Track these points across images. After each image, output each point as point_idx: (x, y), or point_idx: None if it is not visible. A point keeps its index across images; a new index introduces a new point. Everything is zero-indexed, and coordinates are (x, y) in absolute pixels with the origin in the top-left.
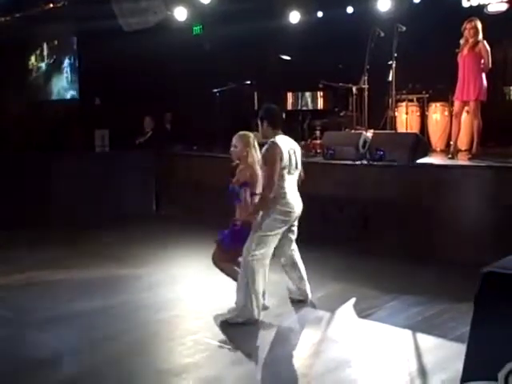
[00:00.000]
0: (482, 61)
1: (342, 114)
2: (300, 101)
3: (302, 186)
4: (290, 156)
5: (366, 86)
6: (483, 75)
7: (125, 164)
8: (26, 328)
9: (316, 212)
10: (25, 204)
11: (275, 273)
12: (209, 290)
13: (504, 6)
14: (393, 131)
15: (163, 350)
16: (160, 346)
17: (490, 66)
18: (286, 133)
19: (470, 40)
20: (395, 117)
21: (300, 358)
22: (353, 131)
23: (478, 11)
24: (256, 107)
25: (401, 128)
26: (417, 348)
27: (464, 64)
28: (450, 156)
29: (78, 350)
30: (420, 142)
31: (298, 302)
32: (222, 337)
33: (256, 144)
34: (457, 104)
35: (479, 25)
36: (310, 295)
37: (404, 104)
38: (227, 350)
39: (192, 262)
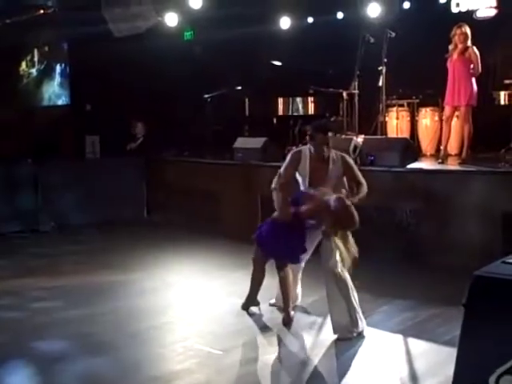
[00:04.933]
0: (472, 66)
1: (332, 119)
2: (291, 106)
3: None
4: None
5: (357, 92)
6: (473, 80)
7: (115, 170)
8: (20, 334)
9: None
10: (15, 211)
11: (266, 277)
12: (200, 296)
13: (492, 12)
14: (383, 136)
15: (154, 356)
16: (151, 352)
17: (480, 71)
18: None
19: (460, 45)
20: (385, 122)
21: (292, 363)
22: (343, 136)
23: (467, 17)
24: (247, 113)
25: (391, 133)
26: (408, 353)
27: (454, 69)
28: (439, 161)
29: (69, 356)
30: (410, 147)
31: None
32: (213, 343)
33: None
34: (447, 109)
35: (468, 30)
36: (299, 300)
37: (394, 109)
38: (218, 356)
39: (183, 268)
